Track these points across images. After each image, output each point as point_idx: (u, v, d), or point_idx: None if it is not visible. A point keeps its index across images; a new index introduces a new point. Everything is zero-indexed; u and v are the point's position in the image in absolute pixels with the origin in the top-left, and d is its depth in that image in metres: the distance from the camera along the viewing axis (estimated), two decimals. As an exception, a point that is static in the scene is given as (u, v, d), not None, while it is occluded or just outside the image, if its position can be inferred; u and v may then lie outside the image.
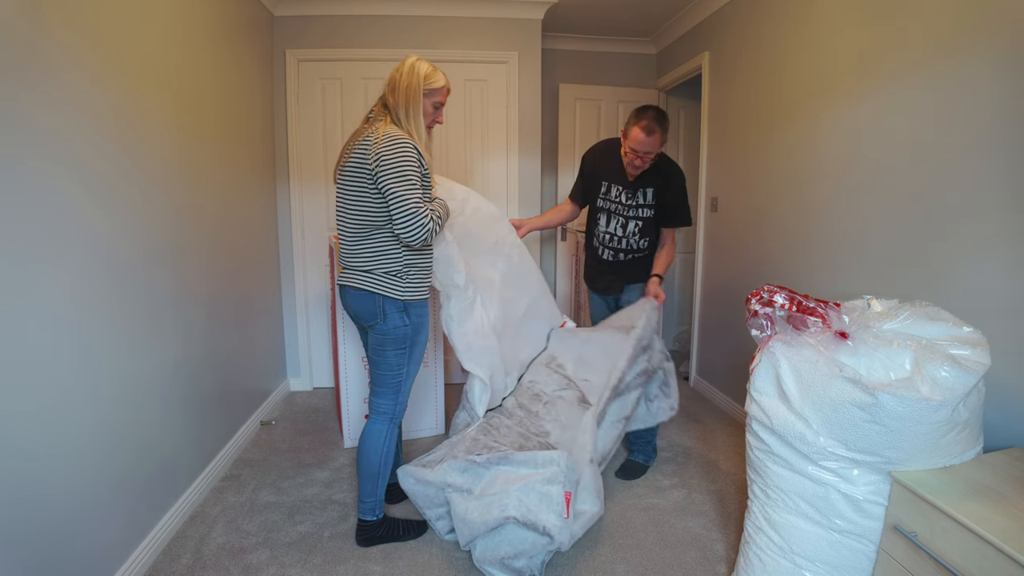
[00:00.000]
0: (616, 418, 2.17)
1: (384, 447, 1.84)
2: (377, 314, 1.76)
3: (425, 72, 1.75)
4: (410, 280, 1.78)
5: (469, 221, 2.16)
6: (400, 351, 1.80)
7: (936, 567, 1.18)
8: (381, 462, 1.84)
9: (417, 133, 1.74)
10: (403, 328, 1.78)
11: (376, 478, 1.84)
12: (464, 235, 2.13)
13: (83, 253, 1.48)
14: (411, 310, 1.79)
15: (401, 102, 1.73)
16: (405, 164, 1.63)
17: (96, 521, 1.51)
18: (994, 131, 1.54)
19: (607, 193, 2.39)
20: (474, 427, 2.08)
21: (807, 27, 2.33)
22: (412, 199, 1.62)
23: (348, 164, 1.74)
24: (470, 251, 2.17)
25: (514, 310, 2.33)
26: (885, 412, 1.25)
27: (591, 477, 1.88)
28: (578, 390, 2.27)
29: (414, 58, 1.77)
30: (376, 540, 1.88)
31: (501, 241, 2.29)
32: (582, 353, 2.38)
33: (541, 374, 2.37)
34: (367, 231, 1.74)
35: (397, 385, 1.84)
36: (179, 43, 2.04)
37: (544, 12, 3.29)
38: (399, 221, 1.62)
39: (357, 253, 1.77)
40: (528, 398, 2.28)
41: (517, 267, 2.33)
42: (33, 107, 1.31)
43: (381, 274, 1.75)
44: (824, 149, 2.24)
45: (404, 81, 1.73)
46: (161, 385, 1.87)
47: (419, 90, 1.73)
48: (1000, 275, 1.54)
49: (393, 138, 1.65)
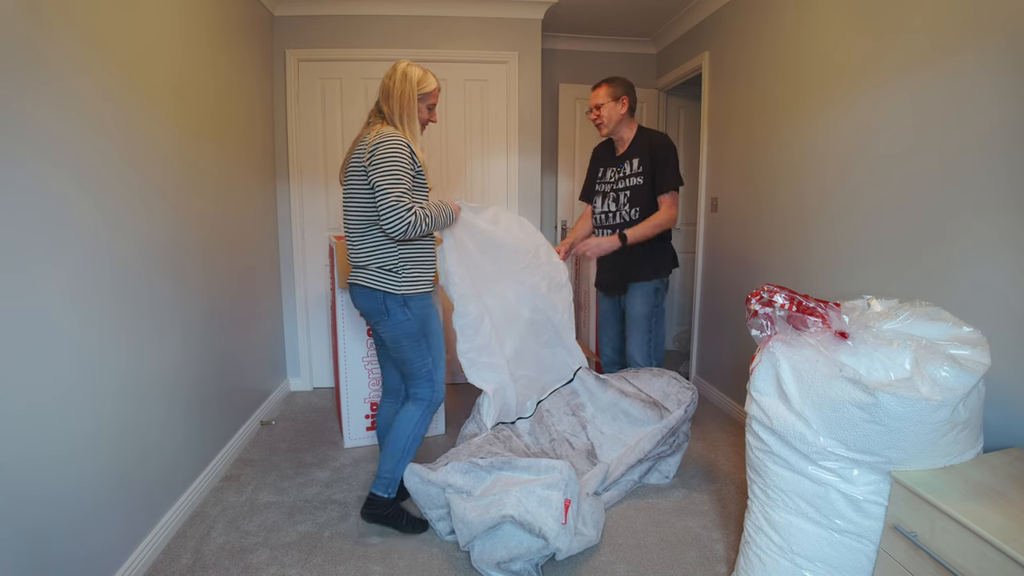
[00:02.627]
0: (621, 491, 2.17)
1: (415, 430, 1.90)
2: (381, 310, 1.82)
3: (418, 77, 1.81)
4: (407, 275, 1.82)
5: (503, 237, 2.19)
6: (414, 343, 1.86)
7: (936, 567, 1.18)
8: (408, 443, 1.89)
9: (413, 136, 1.81)
10: (407, 322, 1.83)
11: (400, 458, 1.89)
12: (492, 249, 2.16)
13: (83, 253, 1.48)
14: (412, 303, 1.84)
15: (396, 109, 1.79)
16: (394, 160, 1.69)
17: (96, 521, 1.51)
18: (995, 131, 1.54)
19: (602, 177, 2.58)
20: (480, 437, 2.11)
21: (807, 27, 2.33)
22: (395, 192, 1.67)
23: (349, 167, 1.82)
24: (497, 268, 2.20)
25: (538, 336, 2.35)
26: (885, 412, 1.25)
27: (590, 509, 1.90)
28: (588, 441, 2.29)
29: (405, 63, 1.82)
30: (380, 519, 1.91)
31: (532, 266, 2.29)
32: (608, 413, 2.36)
33: (559, 409, 2.39)
34: (364, 228, 1.81)
35: (428, 374, 1.91)
36: (179, 43, 2.04)
37: (544, 12, 3.29)
38: (381, 212, 1.69)
39: (358, 251, 1.84)
40: (540, 427, 2.32)
41: (545, 295, 2.33)
42: (33, 108, 1.31)
43: (377, 269, 1.80)
44: (824, 149, 2.24)
45: (398, 88, 1.79)
46: (161, 385, 1.87)
47: (413, 96, 1.80)
48: (1000, 275, 1.54)
49: (385, 137, 1.72)
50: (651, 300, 2.45)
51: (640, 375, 2.41)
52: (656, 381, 2.35)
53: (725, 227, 3.11)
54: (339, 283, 2.48)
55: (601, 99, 2.42)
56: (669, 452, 2.25)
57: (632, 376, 2.42)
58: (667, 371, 2.40)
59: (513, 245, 2.23)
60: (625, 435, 2.27)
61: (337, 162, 3.28)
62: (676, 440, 2.25)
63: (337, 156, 3.28)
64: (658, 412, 2.24)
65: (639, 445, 2.15)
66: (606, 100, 2.41)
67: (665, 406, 2.25)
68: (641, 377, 2.40)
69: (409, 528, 1.93)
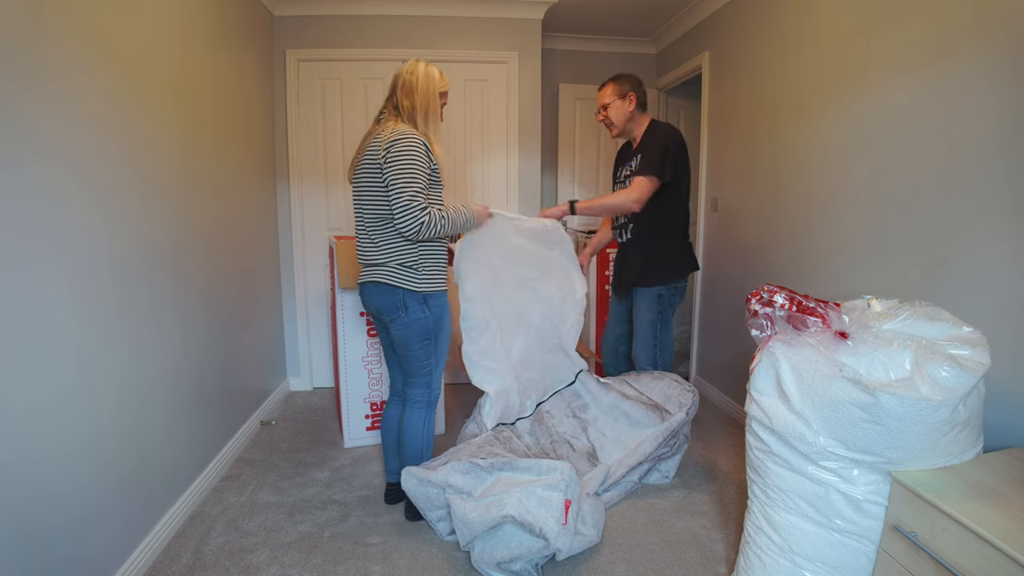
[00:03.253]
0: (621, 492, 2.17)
1: (424, 432, 1.97)
2: (399, 307, 1.82)
3: (437, 76, 1.84)
4: (426, 272, 1.83)
5: (525, 245, 2.22)
6: (425, 343, 1.87)
7: (936, 567, 1.18)
8: (423, 444, 1.97)
9: (435, 135, 1.82)
10: (424, 320, 1.84)
11: (419, 458, 1.97)
12: (512, 254, 2.19)
13: (83, 253, 1.48)
14: (431, 301, 1.85)
15: (420, 105, 1.80)
16: (410, 158, 1.70)
17: (96, 521, 1.51)
18: (995, 131, 1.54)
19: (617, 176, 2.52)
20: (481, 437, 2.11)
21: (807, 27, 2.33)
22: (409, 191, 1.68)
23: (361, 164, 1.82)
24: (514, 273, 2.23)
25: (543, 343, 2.38)
26: (885, 412, 1.25)
27: (590, 509, 1.90)
28: (589, 443, 2.30)
29: (423, 63, 1.83)
30: (402, 497, 2.03)
31: (549, 276, 2.32)
32: (609, 416, 2.37)
33: (559, 411, 2.40)
34: (381, 226, 1.81)
35: (428, 373, 1.92)
36: (179, 43, 2.04)
37: (544, 12, 3.29)
38: (395, 211, 1.70)
39: (373, 248, 1.84)
40: (540, 428, 2.33)
41: (558, 305, 2.35)
42: (33, 108, 1.31)
43: (396, 266, 1.80)
44: (824, 149, 2.24)
45: (421, 85, 1.80)
46: (161, 385, 1.87)
47: (436, 94, 1.82)
48: (1000, 275, 1.54)
49: (401, 134, 1.72)
50: (655, 307, 2.37)
51: (641, 379, 2.42)
52: (657, 384, 2.35)
53: (725, 227, 3.11)
54: (339, 283, 2.47)
55: (608, 98, 2.32)
56: (670, 453, 2.25)
57: (633, 379, 2.43)
58: (668, 374, 2.40)
59: (533, 254, 2.25)
60: (626, 437, 2.27)
61: (337, 162, 3.28)
62: (676, 442, 2.25)
63: (337, 156, 3.28)
64: (659, 415, 2.25)
65: (640, 447, 2.15)
66: (613, 99, 2.31)
67: (667, 408, 2.25)
68: (642, 380, 2.40)
69: (411, 514, 2.01)
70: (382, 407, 2.66)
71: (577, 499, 1.80)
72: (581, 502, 1.88)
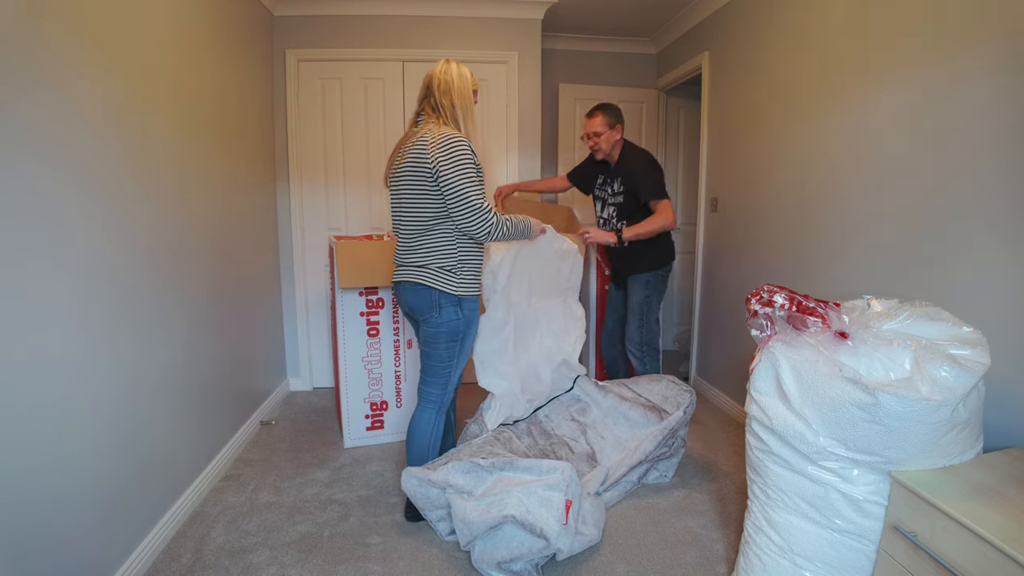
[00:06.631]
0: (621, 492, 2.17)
1: (432, 434, 1.97)
2: (433, 307, 1.84)
3: (469, 75, 1.86)
4: (463, 276, 1.85)
5: (559, 266, 2.31)
6: (452, 344, 1.89)
7: (936, 567, 1.18)
8: (429, 446, 1.97)
9: (473, 134, 1.84)
10: (456, 322, 1.87)
11: (423, 458, 1.98)
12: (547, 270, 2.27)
13: (83, 254, 1.48)
14: (464, 305, 1.87)
15: (459, 104, 1.82)
16: (467, 162, 1.73)
17: (96, 521, 1.51)
18: (996, 131, 1.54)
19: (601, 184, 2.79)
20: (481, 437, 2.12)
21: (807, 27, 2.33)
22: (474, 193, 1.73)
23: (403, 166, 1.82)
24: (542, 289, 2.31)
25: (550, 360, 2.40)
26: (885, 412, 1.25)
27: (590, 508, 1.90)
28: (589, 446, 2.30)
29: (454, 62, 1.85)
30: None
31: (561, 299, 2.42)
32: (608, 418, 2.39)
33: (559, 415, 2.43)
34: (423, 229, 1.82)
35: (447, 376, 1.94)
36: (179, 43, 2.04)
37: (544, 12, 3.29)
38: (463, 213, 1.73)
39: (413, 250, 1.86)
40: (539, 430, 2.35)
41: (563, 321, 2.43)
42: (32, 109, 1.31)
43: (436, 269, 1.83)
44: (824, 149, 2.24)
45: (457, 85, 1.82)
46: (161, 385, 1.87)
47: (471, 92, 1.85)
48: (1000, 275, 1.54)
49: (452, 137, 1.74)
50: (643, 290, 2.73)
51: (639, 381, 2.46)
52: (655, 386, 2.38)
53: (725, 227, 3.11)
54: (339, 283, 2.47)
55: (599, 128, 2.57)
56: (669, 454, 2.26)
57: (631, 382, 2.48)
58: (665, 376, 2.44)
59: (556, 276, 2.35)
60: (625, 439, 2.28)
61: (337, 162, 3.28)
62: (675, 443, 2.25)
63: (337, 156, 3.28)
64: (658, 415, 2.26)
65: (640, 447, 2.16)
66: (604, 129, 2.57)
67: (664, 409, 2.26)
68: (640, 383, 2.44)
69: (411, 513, 2.00)
70: (382, 407, 2.67)
71: (578, 499, 1.80)
72: (582, 501, 1.88)
